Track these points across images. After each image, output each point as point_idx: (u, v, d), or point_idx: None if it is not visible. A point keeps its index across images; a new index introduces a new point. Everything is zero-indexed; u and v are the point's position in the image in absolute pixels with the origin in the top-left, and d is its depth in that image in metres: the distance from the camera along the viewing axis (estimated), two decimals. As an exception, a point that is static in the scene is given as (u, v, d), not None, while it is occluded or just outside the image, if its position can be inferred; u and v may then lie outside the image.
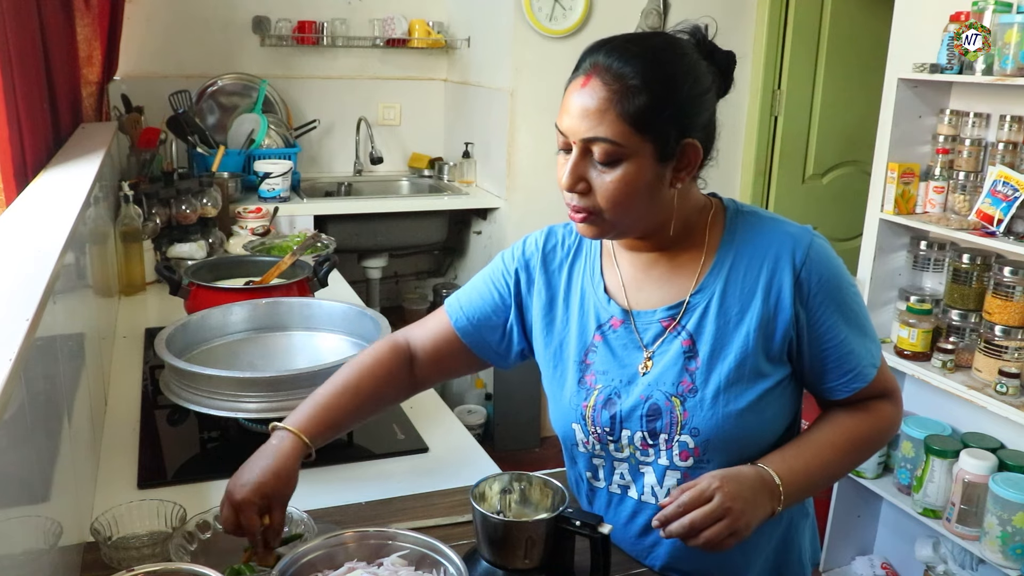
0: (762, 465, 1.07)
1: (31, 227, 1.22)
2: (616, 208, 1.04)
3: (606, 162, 1.02)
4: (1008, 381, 2.16)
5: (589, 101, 1.01)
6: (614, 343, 1.15)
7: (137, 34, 3.48)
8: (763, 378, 1.08)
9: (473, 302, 1.26)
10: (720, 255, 1.11)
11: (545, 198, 3.55)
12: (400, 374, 1.22)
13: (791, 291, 1.07)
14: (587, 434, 1.16)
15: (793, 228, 1.11)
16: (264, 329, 1.61)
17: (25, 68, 1.56)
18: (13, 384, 0.74)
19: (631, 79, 1.00)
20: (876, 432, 1.16)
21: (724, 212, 1.15)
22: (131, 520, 1.11)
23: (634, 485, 1.15)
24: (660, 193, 1.06)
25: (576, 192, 1.06)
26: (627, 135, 1.00)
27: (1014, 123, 2.27)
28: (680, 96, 1.02)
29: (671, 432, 1.09)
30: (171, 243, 2.43)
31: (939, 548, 2.45)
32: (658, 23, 3.50)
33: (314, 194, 3.62)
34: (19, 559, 0.78)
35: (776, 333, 1.08)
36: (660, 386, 1.10)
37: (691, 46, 1.07)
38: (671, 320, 1.12)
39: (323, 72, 3.87)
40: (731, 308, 1.09)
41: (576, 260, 1.22)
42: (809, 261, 1.08)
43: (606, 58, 1.02)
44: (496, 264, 1.29)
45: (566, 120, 1.04)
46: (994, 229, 2.22)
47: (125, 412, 1.56)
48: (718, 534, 0.99)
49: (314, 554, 0.97)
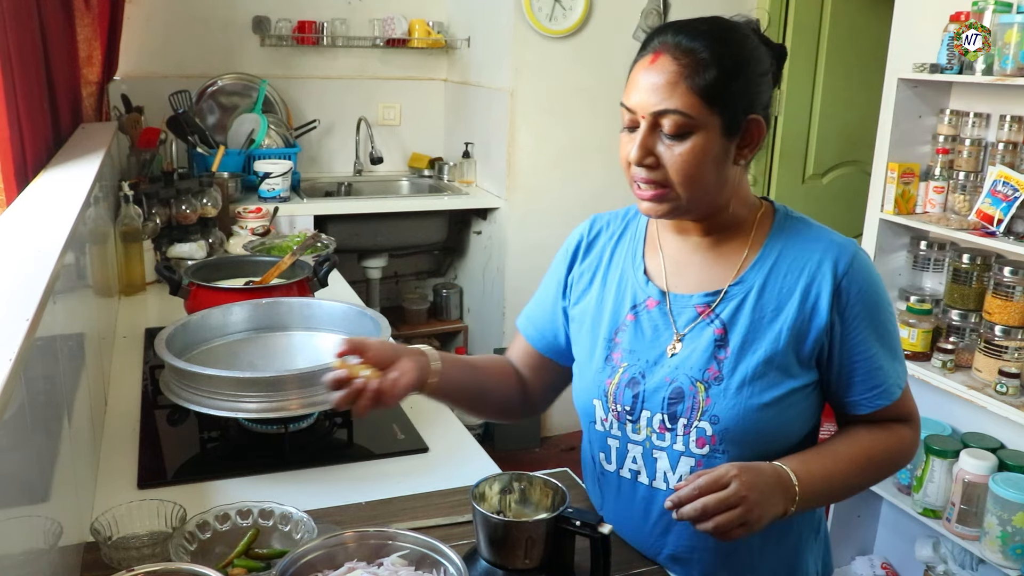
0: (780, 464, 1.07)
1: (31, 227, 1.22)
2: (686, 180, 1.05)
3: (676, 134, 1.04)
4: (1008, 381, 2.16)
5: (659, 76, 1.03)
6: (645, 324, 1.16)
7: (137, 34, 3.48)
8: (789, 378, 1.09)
9: (535, 312, 1.31)
10: (765, 251, 1.13)
11: (545, 198, 3.55)
12: (512, 380, 1.30)
13: (829, 298, 1.08)
14: (607, 411, 1.17)
15: (840, 238, 1.13)
16: (264, 329, 1.61)
17: (25, 68, 1.56)
18: (13, 384, 0.74)
19: (701, 52, 1.02)
20: (894, 453, 1.16)
21: (773, 213, 1.17)
22: (131, 520, 1.11)
23: (645, 470, 1.15)
24: (725, 169, 1.08)
25: (644, 166, 1.07)
26: (697, 107, 1.02)
27: (1014, 123, 2.27)
28: (748, 72, 1.05)
29: (691, 417, 1.10)
30: (171, 243, 2.43)
31: (939, 548, 2.45)
32: (658, 23, 3.50)
33: (314, 194, 3.62)
34: (19, 559, 0.78)
35: (808, 336, 1.09)
36: (686, 370, 1.11)
37: (751, 31, 1.09)
38: (706, 307, 1.13)
39: (323, 72, 3.87)
40: (768, 304, 1.10)
41: (619, 243, 1.25)
42: (852, 272, 1.09)
43: (674, 36, 1.04)
44: (551, 267, 1.33)
45: (635, 96, 1.06)
46: (994, 229, 2.22)
47: (125, 412, 1.56)
48: (729, 521, 0.99)
49: (314, 554, 0.97)
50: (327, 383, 1.06)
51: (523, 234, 3.55)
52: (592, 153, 3.57)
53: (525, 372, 1.32)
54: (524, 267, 3.58)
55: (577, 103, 3.49)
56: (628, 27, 3.50)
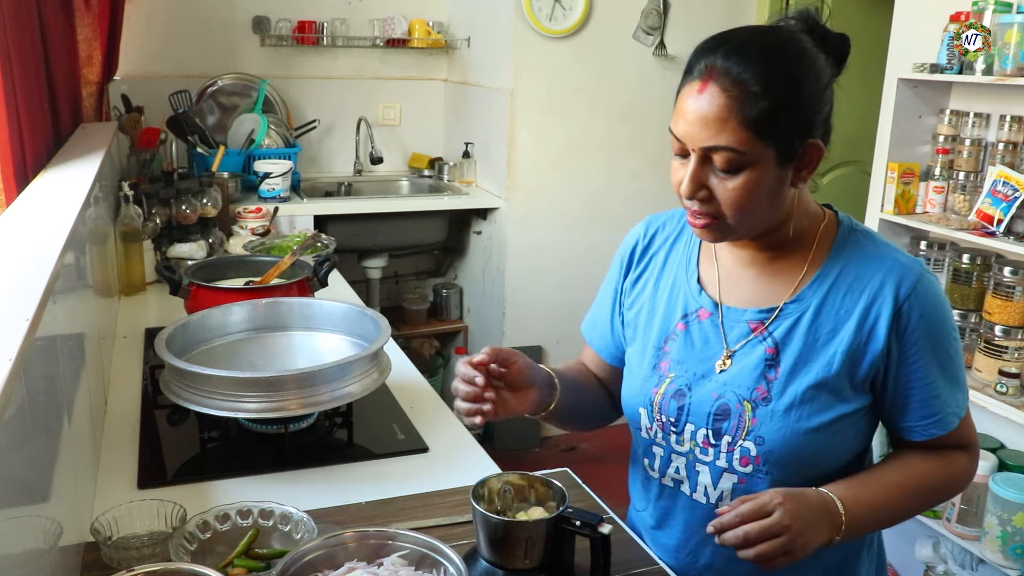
0: (826, 491, 1.04)
1: (31, 227, 1.22)
2: (739, 213, 1.02)
3: (728, 169, 0.99)
4: (1008, 381, 2.16)
5: (707, 108, 0.97)
6: (696, 335, 1.13)
7: (137, 34, 3.48)
8: (841, 403, 1.06)
9: (598, 321, 1.30)
10: (825, 268, 1.09)
11: (545, 198, 3.55)
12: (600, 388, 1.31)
13: (888, 322, 1.04)
14: (651, 420, 1.15)
15: (905, 258, 1.08)
16: (264, 329, 1.61)
17: (25, 68, 1.56)
18: (13, 384, 0.74)
19: (752, 85, 0.96)
20: (948, 480, 1.12)
21: (837, 226, 1.12)
22: (131, 520, 1.11)
23: (688, 481, 1.14)
24: (782, 196, 1.04)
25: (697, 199, 1.03)
26: (749, 142, 0.97)
27: (1014, 123, 2.27)
28: (803, 97, 0.99)
29: (735, 436, 1.08)
30: (171, 243, 2.43)
31: (939, 548, 2.45)
32: (658, 23, 3.50)
33: (314, 194, 3.62)
34: (19, 559, 0.78)
35: (863, 361, 1.05)
36: (734, 387, 1.09)
37: (807, 38, 1.03)
38: (760, 324, 1.09)
39: (323, 72, 3.87)
40: (824, 325, 1.06)
41: (674, 248, 1.21)
42: (914, 295, 1.04)
43: (724, 61, 0.98)
44: (609, 273, 1.30)
45: (683, 126, 1.01)
46: (994, 229, 2.22)
47: (125, 412, 1.56)
48: (772, 550, 0.97)
49: (314, 554, 0.97)
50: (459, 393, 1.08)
51: (523, 234, 3.55)
52: (592, 153, 3.57)
53: (601, 377, 1.32)
54: (524, 267, 3.58)
55: (577, 103, 3.49)
56: (628, 27, 3.50)
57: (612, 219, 3.64)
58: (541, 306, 3.63)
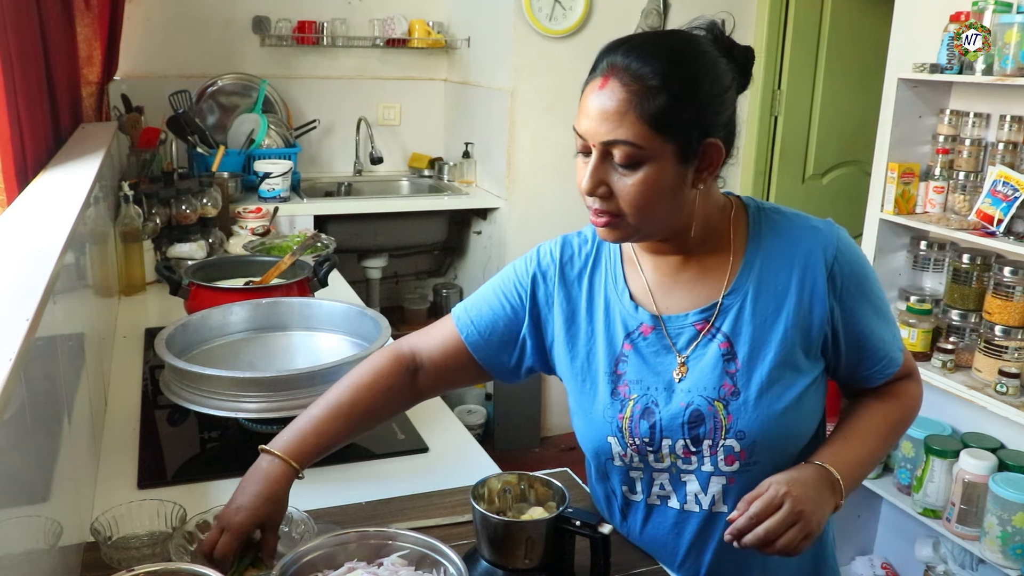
0: (818, 462, 1.07)
1: (31, 227, 1.22)
2: (638, 211, 1.02)
3: (627, 164, 1.00)
4: (1008, 381, 2.16)
5: (608, 103, 0.99)
6: (645, 350, 1.12)
7: (137, 34, 3.48)
8: (801, 375, 1.08)
9: (484, 315, 1.20)
10: (749, 255, 1.10)
11: (545, 198, 3.55)
12: (401, 388, 1.18)
13: (825, 286, 1.07)
14: (624, 447, 1.12)
15: (818, 222, 1.12)
16: (264, 329, 1.61)
17: (25, 68, 1.57)
18: (13, 384, 0.74)
19: (650, 79, 0.97)
20: (908, 412, 1.18)
21: (745, 211, 1.14)
22: (131, 520, 1.11)
23: (675, 495, 1.13)
24: (682, 194, 1.04)
25: (597, 196, 1.03)
26: (648, 137, 0.98)
27: (1014, 123, 2.27)
28: (701, 95, 1.00)
29: (715, 437, 1.08)
30: (171, 243, 2.43)
31: (939, 548, 2.45)
32: (658, 23, 3.50)
33: (314, 194, 3.62)
34: (19, 559, 0.78)
35: (812, 328, 1.08)
36: (701, 391, 1.08)
37: (709, 43, 1.04)
38: (705, 323, 1.10)
39: (323, 72, 3.87)
40: (766, 307, 1.08)
41: (596, 269, 1.18)
42: (839, 254, 1.08)
43: (624, 58, 0.99)
44: (507, 275, 1.22)
45: (584, 123, 1.02)
46: (994, 229, 2.22)
47: (125, 412, 1.56)
48: (794, 539, 0.98)
49: (314, 554, 0.97)
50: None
51: (523, 234, 3.55)
52: (592, 153, 3.57)
53: (435, 364, 1.20)
54: (524, 267, 3.57)
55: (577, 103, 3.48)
56: (628, 27, 3.50)
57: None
58: (541, 306, 3.63)
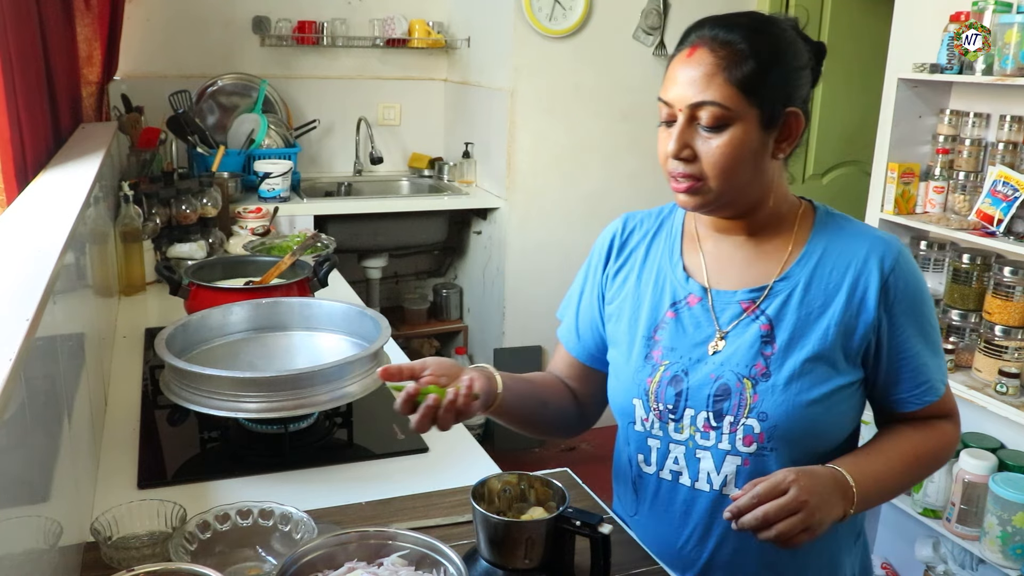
0: (835, 466, 1.06)
1: (31, 227, 1.22)
2: (721, 174, 1.05)
3: (713, 126, 1.03)
4: (1008, 381, 2.16)
5: (696, 69, 1.03)
6: (687, 321, 1.14)
7: (137, 34, 3.48)
8: (837, 375, 1.08)
9: (573, 322, 1.29)
10: (809, 247, 1.12)
11: (545, 198, 3.55)
12: (565, 393, 1.29)
13: (877, 294, 1.08)
14: (647, 411, 1.15)
15: (884, 235, 1.13)
16: (264, 329, 1.61)
17: (25, 68, 1.56)
18: (13, 384, 0.74)
19: (738, 44, 1.02)
20: (940, 450, 1.16)
21: (814, 211, 1.16)
22: (131, 520, 1.11)
23: (687, 471, 1.13)
24: (763, 163, 1.07)
25: (681, 159, 1.06)
26: (735, 98, 1.02)
27: (1014, 123, 2.27)
28: (784, 64, 1.05)
29: (738, 414, 1.09)
30: (171, 243, 2.43)
31: (939, 548, 2.45)
32: (658, 23, 3.50)
33: (314, 194, 3.62)
34: (19, 559, 0.78)
35: (856, 332, 1.08)
36: (731, 366, 1.10)
37: (789, 26, 1.09)
38: (751, 303, 1.12)
39: (323, 72, 3.87)
40: (814, 300, 1.09)
41: (655, 241, 1.23)
42: (898, 268, 1.09)
43: (711, 30, 1.05)
44: (584, 272, 1.31)
45: (672, 90, 1.06)
46: (994, 229, 2.22)
47: (125, 412, 1.56)
48: (792, 528, 0.98)
49: (314, 554, 0.97)
50: (397, 408, 1.05)
51: (523, 234, 3.55)
52: (592, 153, 3.57)
53: (573, 384, 1.31)
54: (524, 267, 3.58)
55: (577, 103, 3.49)
56: (628, 27, 3.50)
57: (612, 219, 3.64)
58: (541, 306, 3.63)
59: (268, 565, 1.06)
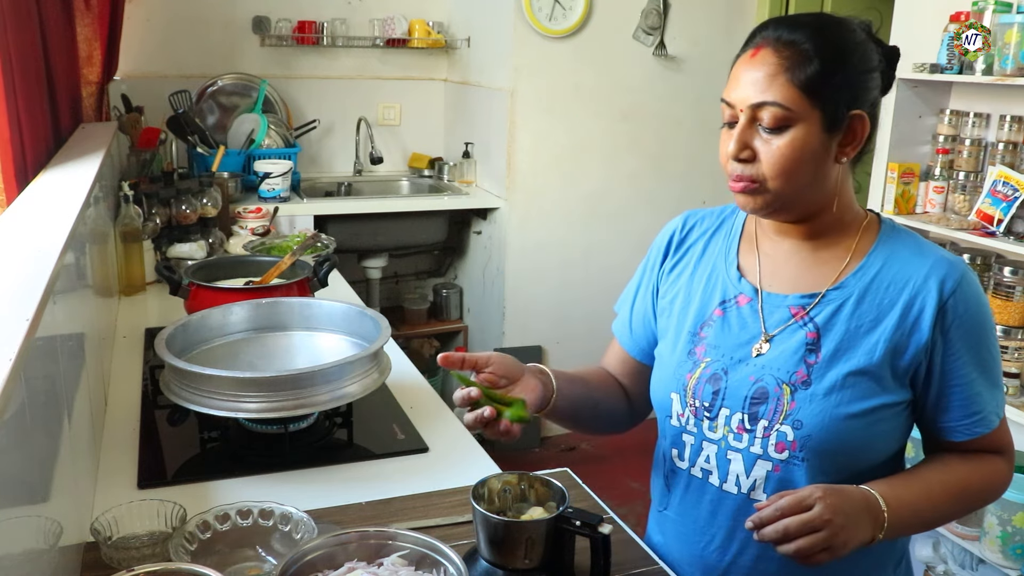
0: (869, 488, 1.03)
1: (31, 227, 1.22)
2: (780, 175, 1.03)
3: (774, 128, 1.01)
4: (1008, 381, 2.16)
5: (759, 69, 1.02)
6: (733, 320, 1.13)
7: (137, 34, 3.48)
8: (882, 392, 1.05)
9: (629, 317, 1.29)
10: (868, 259, 1.09)
11: (545, 198, 3.55)
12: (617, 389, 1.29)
13: (932, 316, 1.04)
14: (684, 406, 1.14)
15: (949, 256, 1.09)
16: (264, 329, 1.61)
17: (25, 68, 1.57)
18: (13, 384, 0.74)
19: (802, 44, 1.00)
20: (987, 485, 1.11)
21: (879, 225, 1.13)
22: (131, 520, 1.11)
23: (717, 471, 1.12)
24: (825, 167, 1.05)
25: (741, 160, 1.04)
26: (797, 100, 1.00)
27: (1014, 123, 2.27)
28: (850, 66, 1.02)
29: (772, 419, 1.06)
30: (171, 243, 2.43)
31: (939, 548, 2.45)
32: (658, 23, 3.50)
33: (314, 194, 3.62)
34: (19, 559, 0.78)
35: (906, 352, 1.05)
36: (773, 371, 1.08)
37: (860, 28, 1.07)
38: (801, 309, 1.09)
39: (323, 72, 3.87)
40: (866, 314, 1.06)
41: (713, 239, 1.22)
42: (959, 291, 1.05)
43: (775, 30, 1.03)
44: (642, 267, 1.30)
45: (734, 91, 1.04)
46: (994, 229, 2.22)
47: (125, 412, 1.56)
48: (812, 545, 0.95)
49: (314, 554, 0.97)
50: (457, 400, 1.06)
51: (523, 234, 3.55)
52: (592, 153, 3.57)
53: (623, 380, 1.31)
54: (524, 267, 3.58)
55: (577, 103, 3.49)
56: (628, 27, 3.50)
57: (612, 219, 3.64)
58: (541, 306, 3.63)
59: (268, 565, 1.06)
